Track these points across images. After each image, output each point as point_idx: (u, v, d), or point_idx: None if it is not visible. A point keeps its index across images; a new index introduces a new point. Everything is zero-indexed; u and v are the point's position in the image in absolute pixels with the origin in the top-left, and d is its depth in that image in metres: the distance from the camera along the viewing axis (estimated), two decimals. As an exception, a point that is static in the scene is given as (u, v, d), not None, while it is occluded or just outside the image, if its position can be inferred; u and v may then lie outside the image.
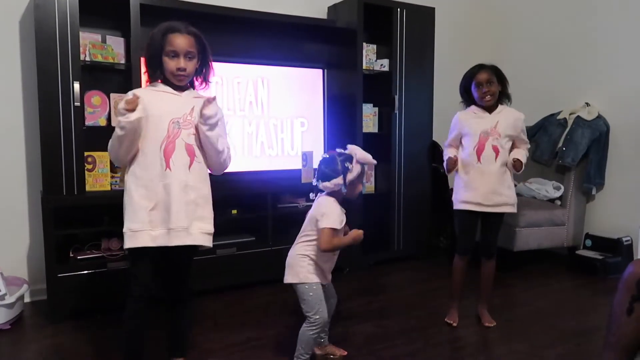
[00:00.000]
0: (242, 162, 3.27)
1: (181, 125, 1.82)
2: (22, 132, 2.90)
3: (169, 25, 1.82)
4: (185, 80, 1.86)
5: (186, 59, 1.81)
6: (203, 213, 1.87)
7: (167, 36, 1.80)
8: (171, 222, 1.78)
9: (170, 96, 1.85)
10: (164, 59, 1.81)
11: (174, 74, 1.82)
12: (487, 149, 2.46)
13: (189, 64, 1.82)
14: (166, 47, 1.79)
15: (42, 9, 2.51)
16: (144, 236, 1.77)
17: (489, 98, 2.47)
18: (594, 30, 3.81)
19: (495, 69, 2.51)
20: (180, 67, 1.80)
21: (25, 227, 2.95)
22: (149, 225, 1.77)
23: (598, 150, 3.64)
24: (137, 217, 1.77)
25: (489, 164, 2.47)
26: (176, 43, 1.79)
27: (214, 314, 2.74)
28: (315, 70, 3.51)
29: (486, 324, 2.58)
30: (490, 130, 2.47)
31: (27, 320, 2.68)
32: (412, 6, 3.64)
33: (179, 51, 1.79)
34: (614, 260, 3.41)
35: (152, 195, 1.78)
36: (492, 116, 2.50)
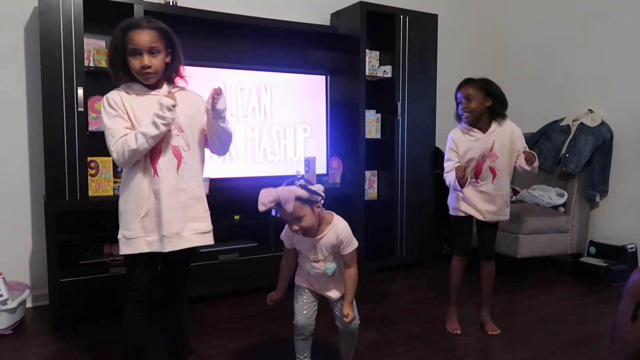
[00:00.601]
0: (244, 167, 3.27)
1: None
2: (25, 137, 2.92)
3: (129, 22, 1.74)
4: (154, 77, 1.77)
5: (150, 55, 1.72)
6: (196, 213, 1.84)
7: (127, 34, 1.71)
8: (163, 229, 1.76)
9: (149, 97, 1.77)
10: (128, 59, 1.72)
11: (139, 73, 1.73)
12: (484, 171, 2.46)
13: (153, 60, 1.73)
14: (128, 45, 1.70)
15: (46, 15, 2.53)
16: (138, 242, 1.76)
17: (466, 115, 2.45)
18: (598, 37, 3.81)
19: (482, 85, 2.45)
20: (144, 64, 1.71)
21: (27, 232, 2.95)
22: (142, 231, 1.76)
23: (601, 157, 3.63)
24: (130, 224, 1.76)
25: (487, 184, 2.47)
26: (137, 40, 1.70)
27: (215, 319, 2.73)
28: (318, 76, 3.52)
29: (490, 332, 2.57)
30: (487, 152, 2.45)
31: (29, 326, 2.68)
32: (414, 13, 3.65)
33: (141, 48, 1.70)
34: (618, 267, 3.39)
35: (142, 203, 1.75)
36: (487, 136, 2.46)
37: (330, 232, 1.89)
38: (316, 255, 1.90)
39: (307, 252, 1.93)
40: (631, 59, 3.61)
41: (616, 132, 3.66)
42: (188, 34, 3.18)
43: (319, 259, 1.91)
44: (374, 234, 3.68)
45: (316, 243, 1.90)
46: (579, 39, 3.94)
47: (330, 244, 1.90)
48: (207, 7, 3.10)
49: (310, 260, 1.92)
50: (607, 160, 3.67)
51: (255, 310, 2.87)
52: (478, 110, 2.45)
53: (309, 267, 1.94)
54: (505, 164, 2.48)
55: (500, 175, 2.47)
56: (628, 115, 3.62)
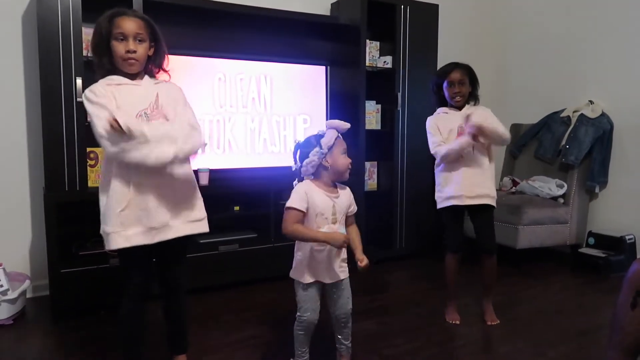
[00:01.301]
0: (244, 158, 3.26)
1: (150, 117, 1.74)
2: (24, 128, 2.90)
3: (116, 10, 1.75)
4: (137, 66, 1.76)
5: (135, 41, 1.73)
6: (185, 202, 1.83)
7: (114, 20, 1.72)
8: (150, 220, 1.73)
9: (130, 87, 1.76)
10: (113, 44, 1.72)
11: (123, 57, 1.72)
12: None
13: (139, 47, 1.74)
14: (114, 30, 1.71)
15: (44, 4, 2.50)
16: (116, 238, 1.72)
17: (459, 98, 2.49)
18: (598, 28, 3.79)
19: (469, 70, 2.51)
20: (129, 49, 1.71)
21: (27, 223, 2.95)
22: (119, 226, 1.72)
23: (602, 148, 3.62)
24: (110, 218, 1.72)
25: (468, 156, 2.47)
26: (124, 25, 1.72)
27: (215, 310, 2.74)
28: (318, 67, 3.50)
29: (489, 322, 2.58)
30: (465, 122, 2.45)
31: (29, 316, 2.69)
32: (415, 3, 3.63)
33: (127, 33, 1.71)
34: (617, 258, 3.40)
35: (122, 196, 1.72)
36: (463, 112, 2.50)
37: (343, 193, 1.94)
38: (334, 216, 1.87)
39: (326, 211, 1.85)
40: (632, 51, 3.59)
41: (616, 123, 3.65)
42: (187, 23, 3.18)
43: (337, 220, 1.88)
44: (374, 225, 3.69)
45: (335, 201, 1.88)
46: (579, 31, 3.92)
47: (345, 204, 1.92)
48: (206, -4, 3.08)
49: (329, 221, 1.86)
50: (607, 151, 3.66)
51: (255, 301, 2.88)
52: (467, 94, 2.50)
53: (326, 230, 1.85)
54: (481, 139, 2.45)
55: (479, 146, 2.47)
56: (628, 106, 3.61)
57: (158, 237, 1.76)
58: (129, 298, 1.83)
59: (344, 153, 1.88)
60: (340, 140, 1.88)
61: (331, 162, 1.85)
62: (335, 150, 1.86)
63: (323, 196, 1.86)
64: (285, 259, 2.27)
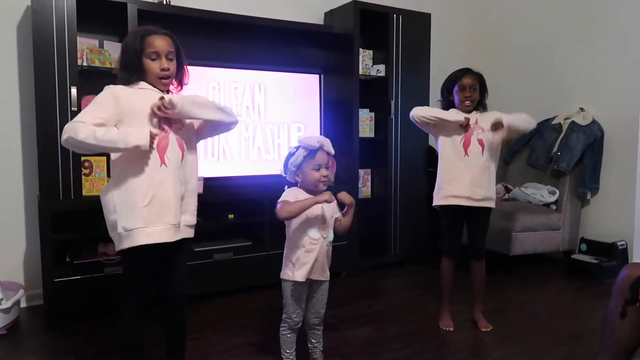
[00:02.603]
0: (239, 166, 3.27)
1: (171, 121, 1.81)
2: (19, 136, 2.90)
3: (146, 28, 1.81)
4: (169, 82, 1.85)
5: (167, 59, 1.80)
6: (188, 207, 1.88)
7: (145, 39, 1.77)
8: (171, 218, 1.78)
9: (154, 93, 1.80)
10: (146, 62, 1.78)
11: (158, 75, 1.79)
12: (473, 142, 2.48)
13: (171, 64, 1.81)
14: (146, 49, 1.77)
15: (39, 14, 2.52)
16: (139, 235, 1.73)
17: (468, 103, 2.51)
18: (589, 37, 3.85)
19: (480, 77, 2.54)
20: (164, 67, 1.79)
21: (21, 232, 2.94)
22: (142, 222, 1.74)
23: (593, 155, 3.67)
24: (132, 215, 1.74)
25: (476, 157, 2.48)
26: (157, 44, 1.78)
27: (211, 318, 2.74)
28: (312, 75, 3.52)
29: (482, 329, 2.59)
30: (472, 125, 2.49)
31: (23, 326, 2.67)
32: (408, 12, 3.67)
33: (160, 52, 1.78)
34: (609, 264, 3.43)
35: (146, 192, 1.74)
36: (471, 115, 2.53)
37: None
38: (325, 217, 1.98)
39: (315, 214, 1.96)
40: (621, 60, 3.64)
41: (607, 130, 3.70)
42: (182, 33, 3.16)
43: (326, 221, 1.99)
44: (368, 232, 3.70)
45: (323, 206, 1.98)
46: (570, 39, 3.97)
47: (332, 206, 2.02)
48: (201, 6, 3.10)
49: (319, 221, 1.97)
50: (598, 158, 3.71)
51: (250, 308, 2.88)
52: (476, 101, 2.53)
53: (315, 232, 1.97)
54: (489, 139, 2.49)
55: (488, 148, 2.49)
56: (618, 113, 3.66)
57: (177, 236, 1.80)
58: (129, 310, 1.83)
59: (315, 168, 1.97)
60: (313, 156, 1.97)
61: (302, 178, 1.99)
62: (305, 167, 1.98)
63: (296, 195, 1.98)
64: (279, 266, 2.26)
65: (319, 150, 1.98)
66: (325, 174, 1.98)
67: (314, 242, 1.97)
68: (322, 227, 1.99)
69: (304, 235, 1.98)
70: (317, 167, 1.97)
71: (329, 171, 2.01)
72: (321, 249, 1.99)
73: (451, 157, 2.52)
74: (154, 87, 1.82)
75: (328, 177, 2.00)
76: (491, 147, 2.50)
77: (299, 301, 2.01)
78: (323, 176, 1.98)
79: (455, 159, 2.51)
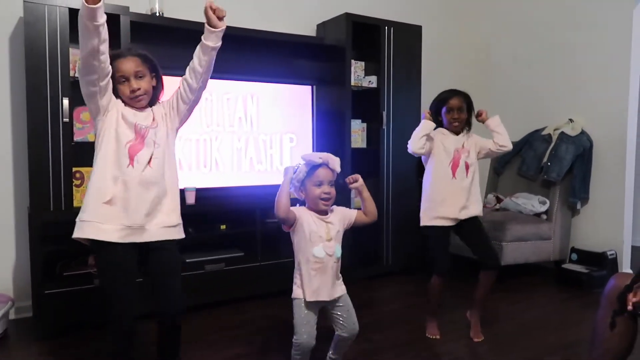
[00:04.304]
0: (231, 177, 3.28)
1: (150, 126, 1.85)
2: (9, 147, 2.89)
3: (113, 53, 1.83)
4: (144, 99, 1.87)
5: (137, 78, 1.83)
6: (162, 207, 1.86)
7: (114, 63, 1.80)
8: (126, 220, 1.77)
9: (134, 111, 1.87)
10: (118, 87, 1.84)
11: (129, 97, 1.84)
12: (460, 165, 2.56)
13: (141, 83, 1.84)
14: (116, 74, 1.82)
15: (32, 25, 2.52)
16: (89, 227, 1.77)
17: (457, 124, 2.57)
18: (577, 49, 3.91)
19: (467, 97, 2.60)
20: (133, 88, 1.82)
21: (11, 243, 2.92)
22: (97, 218, 1.76)
23: (582, 165, 3.71)
24: (92, 207, 1.77)
25: (462, 179, 2.56)
26: (123, 67, 1.82)
27: (202, 329, 2.72)
28: (304, 86, 3.55)
29: (475, 339, 2.59)
30: (460, 148, 2.58)
31: (12, 338, 2.64)
32: (399, 24, 3.71)
33: (127, 74, 1.82)
34: (599, 274, 3.45)
35: (108, 190, 1.77)
36: (459, 138, 2.61)
37: (335, 211, 2.04)
38: (328, 233, 1.95)
39: (319, 232, 1.94)
40: (609, 72, 3.70)
41: (596, 141, 3.75)
42: (174, 44, 3.20)
43: (331, 237, 1.96)
44: (361, 243, 3.70)
45: (328, 224, 1.97)
46: (559, 51, 4.03)
47: (339, 223, 2.01)
48: (194, 17, 3.11)
49: (323, 240, 1.94)
50: (588, 168, 3.75)
51: (242, 319, 2.87)
52: (464, 121, 2.59)
53: (319, 250, 1.92)
54: (475, 162, 2.61)
55: (472, 170, 2.59)
56: (607, 124, 3.71)
57: (132, 238, 1.79)
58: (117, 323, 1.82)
59: (317, 184, 1.94)
60: (315, 172, 1.95)
61: (305, 195, 1.98)
62: (307, 182, 1.96)
63: (315, 219, 1.96)
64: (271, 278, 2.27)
65: (322, 166, 1.95)
66: (327, 191, 1.94)
67: (318, 261, 1.93)
68: (327, 245, 1.94)
69: (308, 254, 1.93)
70: (318, 183, 1.94)
71: (333, 188, 1.96)
72: (327, 267, 1.94)
73: (439, 179, 2.57)
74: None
75: (330, 195, 1.95)
76: (474, 165, 2.60)
77: (308, 325, 1.94)
78: (324, 193, 1.93)
79: (443, 181, 2.56)
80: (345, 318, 2.00)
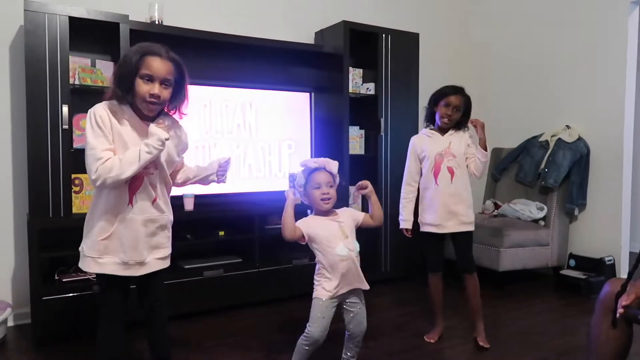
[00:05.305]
0: (229, 184, 3.27)
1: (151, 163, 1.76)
2: (9, 153, 2.91)
3: (149, 47, 1.70)
4: (156, 110, 1.75)
5: (162, 86, 1.70)
6: (159, 240, 1.87)
7: (144, 58, 1.67)
8: (126, 255, 1.78)
9: (137, 124, 1.75)
10: (137, 82, 1.67)
11: (145, 99, 1.68)
12: (442, 170, 2.56)
13: (164, 92, 1.71)
14: (142, 69, 1.67)
15: (32, 33, 2.55)
16: (90, 262, 1.79)
17: (447, 121, 2.57)
18: (574, 56, 3.93)
19: (468, 99, 2.60)
20: (154, 93, 1.67)
21: (10, 250, 2.93)
22: (96, 252, 1.78)
23: (579, 171, 3.72)
24: (90, 242, 1.79)
25: (445, 185, 2.56)
26: (154, 67, 1.67)
27: (200, 336, 2.72)
28: (302, 93, 3.57)
29: (481, 344, 2.59)
30: (444, 151, 2.56)
31: (10, 345, 2.64)
32: (396, 32, 3.74)
33: (155, 76, 1.68)
34: (597, 279, 3.45)
35: (106, 227, 1.76)
36: (445, 138, 2.59)
37: (342, 212, 2.12)
38: (344, 232, 2.04)
39: (334, 233, 2.03)
40: (606, 78, 3.72)
41: (593, 147, 3.76)
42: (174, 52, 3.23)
43: (348, 235, 2.04)
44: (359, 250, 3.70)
45: (340, 222, 2.06)
46: (556, 58, 4.06)
47: (350, 220, 2.10)
48: (193, 25, 3.15)
49: (342, 239, 2.02)
50: (585, 174, 3.76)
51: (240, 326, 2.87)
52: (455, 121, 2.59)
53: (342, 248, 2.01)
54: (462, 165, 2.58)
55: (458, 174, 2.56)
56: (603, 131, 3.72)
57: (129, 272, 1.81)
58: (106, 320, 1.86)
59: (316, 187, 2.06)
60: (313, 176, 2.07)
61: (308, 199, 2.09)
62: (308, 187, 2.08)
63: (325, 221, 2.06)
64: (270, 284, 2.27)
65: (319, 170, 2.07)
66: (326, 192, 2.04)
67: (343, 259, 2.01)
68: (346, 242, 2.03)
69: (333, 256, 2.01)
70: (317, 185, 2.05)
71: (332, 189, 2.06)
72: (351, 262, 2.04)
73: (424, 186, 2.63)
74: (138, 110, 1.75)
75: (330, 195, 2.04)
76: (460, 169, 2.56)
77: (324, 319, 2.01)
78: (323, 194, 2.04)
79: (427, 188, 2.60)
80: (355, 314, 2.10)
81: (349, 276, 2.03)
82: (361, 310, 2.12)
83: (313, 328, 2.01)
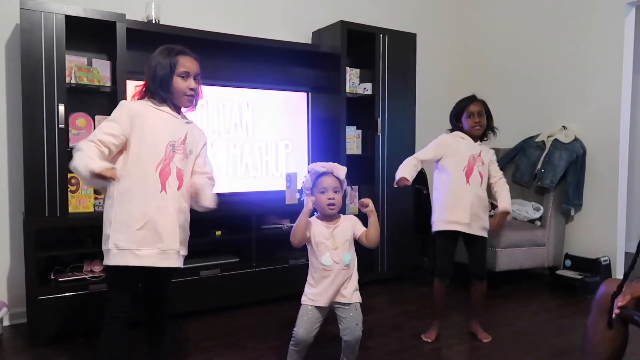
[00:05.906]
0: (226, 183, 3.28)
1: (175, 150, 1.87)
2: (5, 152, 2.90)
3: (177, 48, 1.90)
4: (194, 101, 1.94)
5: (196, 80, 1.90)
6: (184, 237, 1.93)
7: (178, 57, 1.87)
8: (164, 244, 1.80)
9: (170, 117, 1.89)
10: (175, 79, 1.86)
11: (185, 94, 1.88)
12: (475, 172, 2.58)
13: (198, 86, 1.92)
14: (178, 68, 1.86)
15: (28, 32, 2.54)
16: (128, 255, 1.77)
17: (478, 128, 2.61)
18: (570, 57, 3.95)
19: (484, 103, 2.66)
20: (192, 87, 1.88)
21: (6, 249, 2.92)
22: (134, 244, 1.77)
23: (575, 172, 3.73)
24: (125, 234, 1.77)
25: (476, 187, 2.58)
26: (188, 64, 1.88)
27: (196, 336, 2.72)
28: (300, 93, 3.57)
29: (484, 340, 2.63)
30: (476, 156, 2.60)
31: (6, 344, 2.63)
32: (394, 32, 3.74)
33: (191, 72, 1.88)
34: (592, 280, 3.47)
35: (142, 215, 1.78)
36: (477, 144, 2.64)
37: (344, 221, 2.13)
38: (334, 242, 2.05)
39: (325, 239, 2.05)
40: (602, 78, 3.74)
41: (589, 148, 3.78)
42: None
43: (337, 246, 2.05)
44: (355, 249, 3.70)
45: (334, 230, 2.07)
46: (552, 59, 4.07)
47: (346, 231, 2.10)
48: (190, 25, 3.14)
49: (329, 248, 2.04)
50: (581, 175, 3.77)
51: (236, 326, 2.87)
52: (485, 126, 2.63)
53: (326, 258, 2.02)
54: (486, 175, 2.64)
55: (484, 181, 2.62)
56: (600, 131, 3.74)
57: (168, 262, 1.83)
58: (112, 321, 1.84)
59: (321, 191, 2.07)
60: (320, 180, 2.09)
61: (315, 203, 2.08)
62: (315, 191, 2.09)
63: (322, 227, 2.08)
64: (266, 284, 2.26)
65: (326, 174, 2.08)
66: (331, 197, 2.05)
67: (326, 269, 2.03)
68: (333, 253, 2.03)
69: (317, 262, 2.05)
70: (322, 190, 2.06)
71: (338, 195, 2.07)
72: (335, 274, 2.03)
73: (454, 184, 2.58)
74: (175, 106, 1.90)
75: (335, 200, 2.05)
76: (485, 178, 2.63)
77: (308, 322, 2.03)
78: (328, 199, 2.05)
79: (458, 186, 2.57)
80: (347, 321, 2.08)
81: (330, 289, 2.03)
82: (353, 317, 2.08)
83: (297, 329, 2.04)
